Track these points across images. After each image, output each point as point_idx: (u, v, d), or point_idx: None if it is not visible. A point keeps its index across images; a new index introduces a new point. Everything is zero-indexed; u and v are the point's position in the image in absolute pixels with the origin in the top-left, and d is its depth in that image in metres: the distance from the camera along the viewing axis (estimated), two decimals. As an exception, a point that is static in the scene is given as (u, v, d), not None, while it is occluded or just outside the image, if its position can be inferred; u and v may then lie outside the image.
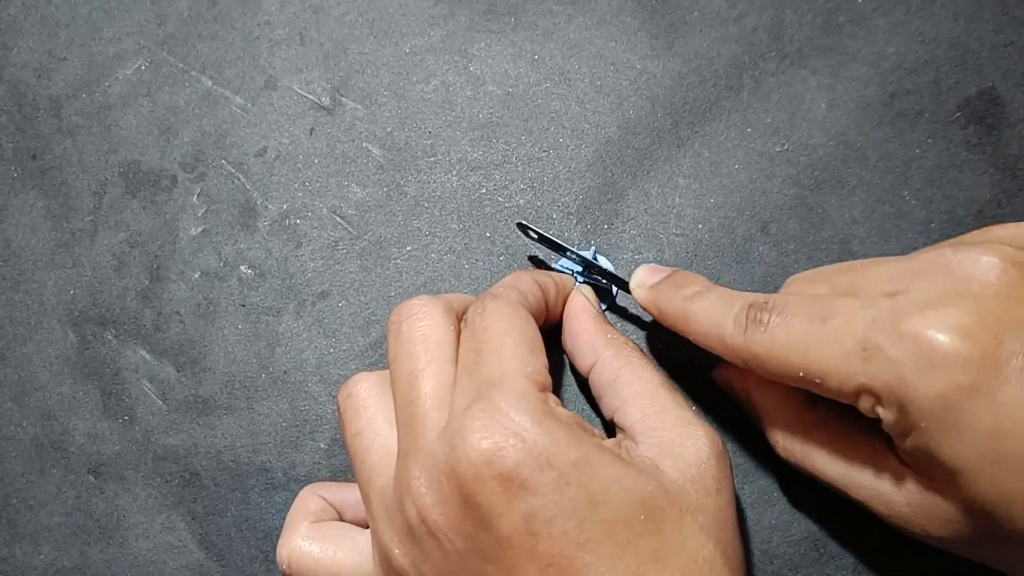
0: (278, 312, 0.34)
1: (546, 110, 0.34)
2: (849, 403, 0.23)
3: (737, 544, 0.24)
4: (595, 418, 0.31)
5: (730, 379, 0.29)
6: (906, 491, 0.24)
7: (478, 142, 0.34)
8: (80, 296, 0.36)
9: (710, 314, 0.26)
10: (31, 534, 0.34)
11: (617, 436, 0.27)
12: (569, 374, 0.32)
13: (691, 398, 0.31)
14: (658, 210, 0.33)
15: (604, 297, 0.32)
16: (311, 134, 0.35)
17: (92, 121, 0.37)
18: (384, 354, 0.33)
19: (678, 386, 0.31)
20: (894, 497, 0.24)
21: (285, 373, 0.34)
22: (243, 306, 0.34)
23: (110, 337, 0.35)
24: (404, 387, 0.25)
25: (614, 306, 0.32)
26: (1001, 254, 0.22)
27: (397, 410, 0.26)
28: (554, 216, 0.33)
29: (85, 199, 0.36)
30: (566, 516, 0.22)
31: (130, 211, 0.36)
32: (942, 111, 0.32)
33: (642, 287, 0.28)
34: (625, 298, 0.31)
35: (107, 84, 0.37)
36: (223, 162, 0.36)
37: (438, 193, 0.34)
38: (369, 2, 0.36)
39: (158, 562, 0.33)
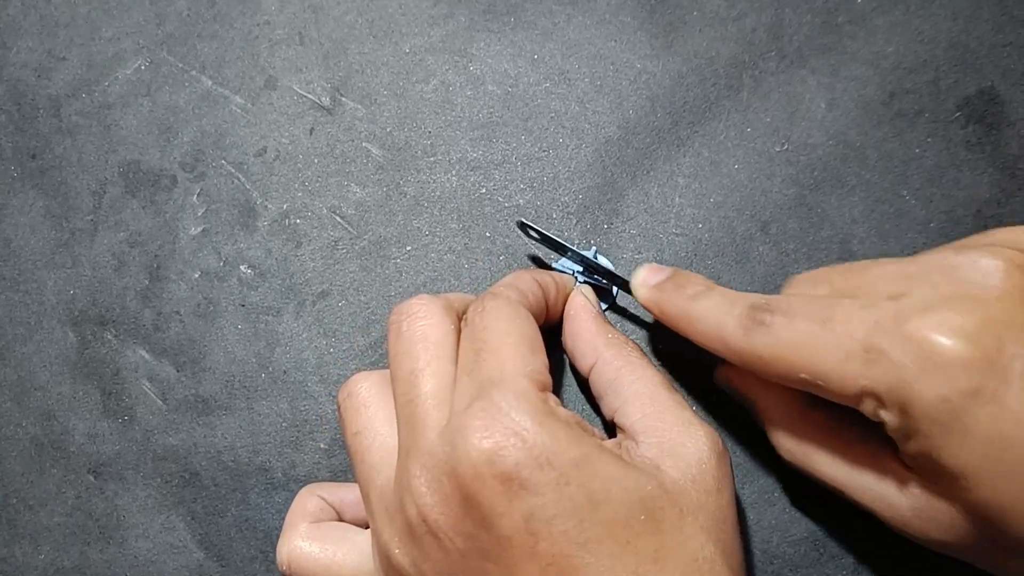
0: (278, 312, 0.34)
1: (546, 110, 0.34)
2: (851, 406, 0.23)
3: (737, 544, 0.24)
4: (595, 418, 0.31)
5: (731, 380, 0.29)
6: (908, 495, 0.24)
7: (478, 142, 0.34)
8: (80, 296, 0.36)
9: (712, 314, 0.26)
10: (31, 534, 0.34)
11: (617, 436, 0.27)
12: (569, 374, 0.32)
13: (691, 398, 0.31)
14: (658, 210, 0.33)
15: (604, 297, 0.32)
16: (311, 134, 0.35)
17: (92, 121, 0.37)
18: (384, 354, 0.33)
19: (678, 386, 0.31)
20: (896, 501, 0.24)
21: (285, 373, 0.34)
22: (243, 306, 0.34)
23: (110, 337, 0.35)
24: (404, 386, 0.25)
25: (614, 306, 0.32)
26: (1004, 257, 0.22)
27: (397, 409, 0.26)
28: (554, 216, 0.33)
29: (85, 199, 0.36)
30: (566, 516, 0.22)
31: (130, 211, 0.36)
32: (941, 111, 0.32)
33: (644, 286, 0.28)
34: (625, 298, 0.32)
35: (107, 84, 0.37)
36: (223, 162, 0.36)
37: (438, 193, 0.34)
38: (369, 2, 0.36)
39: (158, 562, 0.33)
